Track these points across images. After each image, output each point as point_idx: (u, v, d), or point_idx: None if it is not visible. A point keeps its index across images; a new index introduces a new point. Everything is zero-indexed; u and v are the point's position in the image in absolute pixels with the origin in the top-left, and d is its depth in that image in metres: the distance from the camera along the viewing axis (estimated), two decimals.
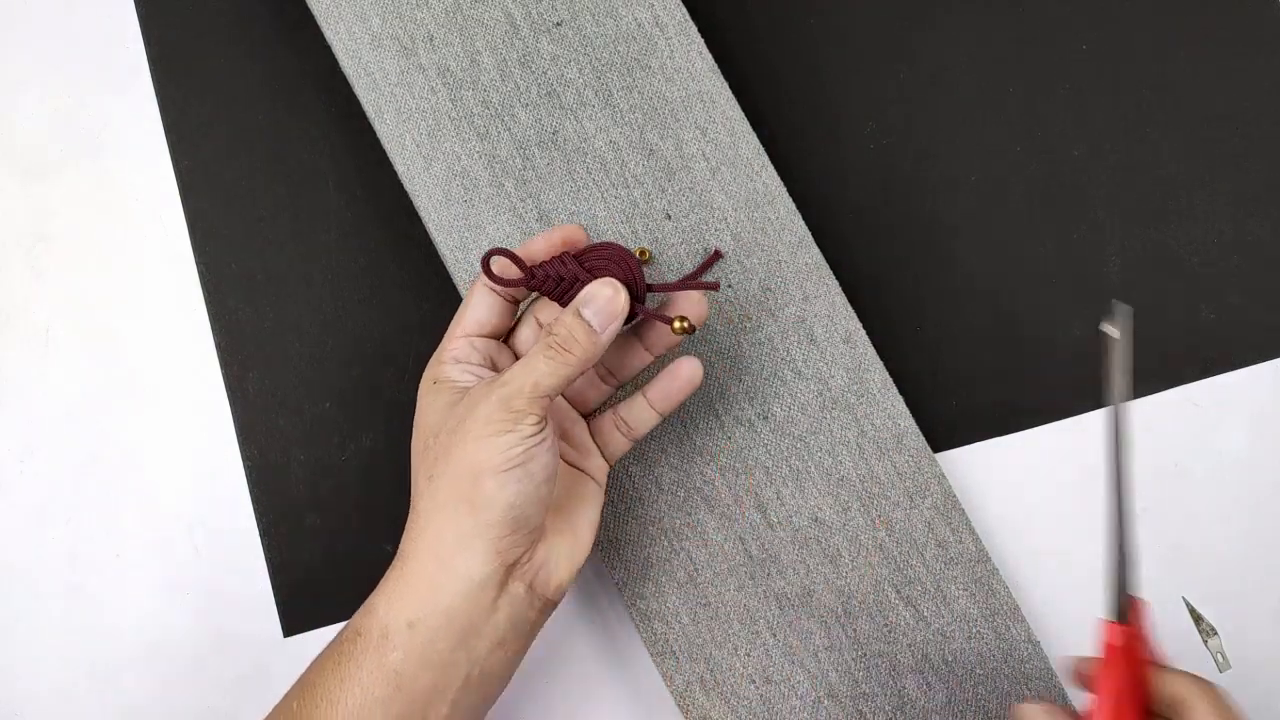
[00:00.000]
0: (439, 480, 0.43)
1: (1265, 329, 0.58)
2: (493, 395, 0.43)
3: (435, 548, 0.43)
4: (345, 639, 0.43)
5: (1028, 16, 0.61)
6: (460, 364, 0.46)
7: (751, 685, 0.50)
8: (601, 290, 0.45)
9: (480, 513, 0.42)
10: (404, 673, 0.42)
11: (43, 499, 0.55)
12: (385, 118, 0.54)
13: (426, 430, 0.45)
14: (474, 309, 0.47)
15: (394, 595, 0.43)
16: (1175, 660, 0.54)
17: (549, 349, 0.43)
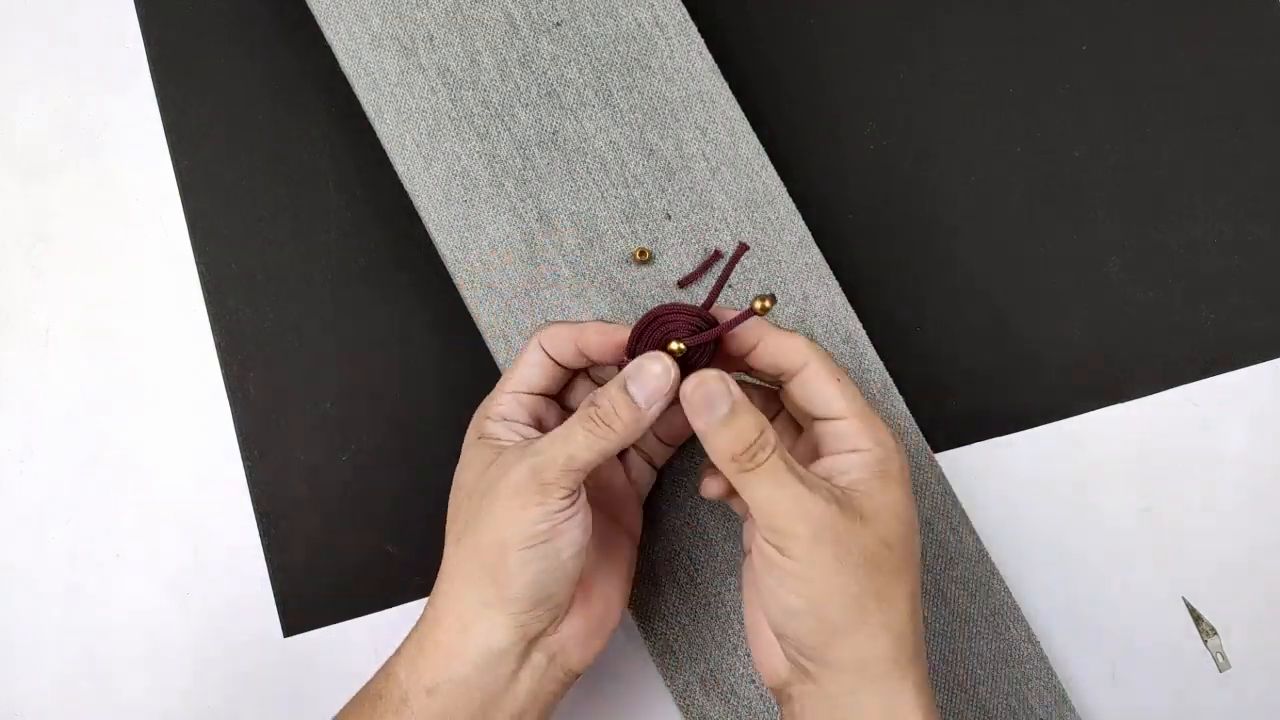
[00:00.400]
0: (465, 545, 0.42)
1: (1265, 329, 0.58)
2: (524, 464, 0.41)
3: (457, 613, 0.42)
4: (366, 700, 0.43)
5: (1028, 16, 0.61)
6: (506, 421, 0.45)
7: (751, 685, 0.50)
8: (651, 366, 0.42)
9: (502, 587, 0.41)
10: None
11: (43, 499, 0.55)
12: (385, 118, 0.54)
13: (463, 488, 0.44)
14: (525, 367, 0.45)
15: (414, 660, 0.42)
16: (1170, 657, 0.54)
17: (589, 421, 0.41)
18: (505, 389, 0.46)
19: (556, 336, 0.45)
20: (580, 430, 0.41)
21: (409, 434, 0.56)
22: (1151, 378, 0.58)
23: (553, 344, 0.45)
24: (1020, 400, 0.57)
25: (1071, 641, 0.55)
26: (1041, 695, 0.51)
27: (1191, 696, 0.54)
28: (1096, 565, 0.56)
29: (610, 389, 0.42)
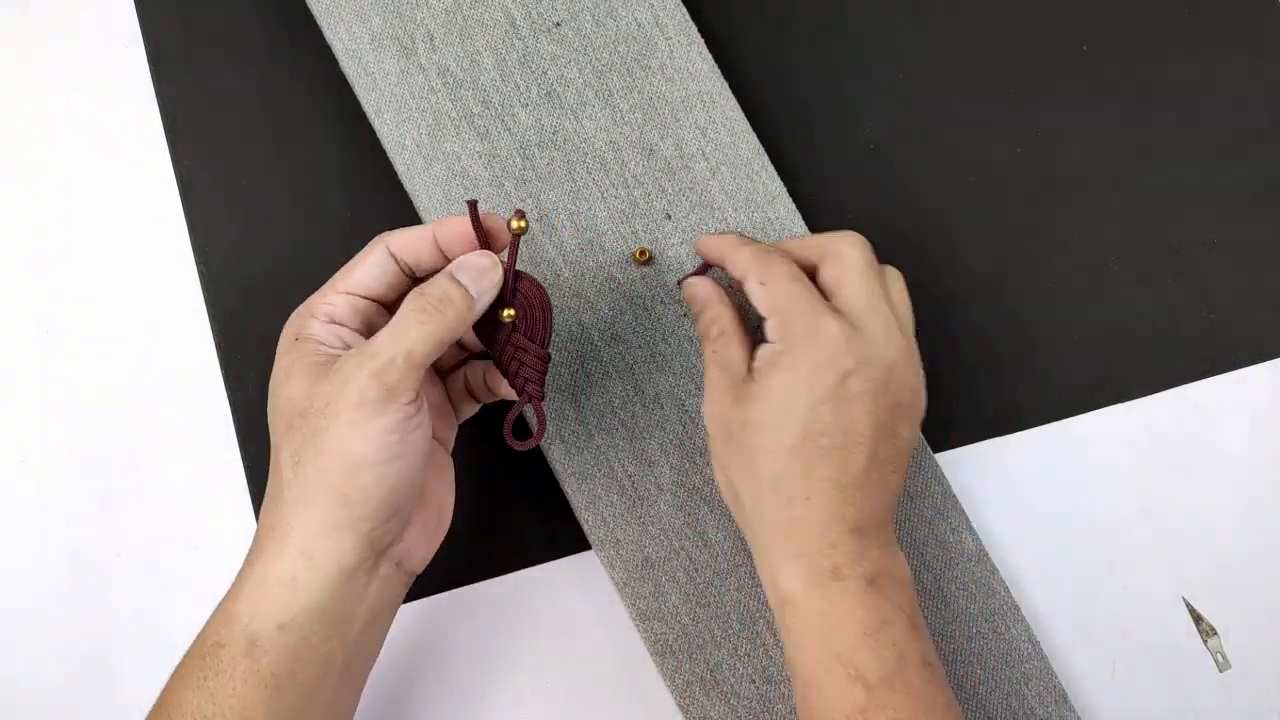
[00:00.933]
0: (306, 468, 0.40)
1: (1265, 329, 0.58)
2: (364, 370, 0.39)
3: (300, 542, 0.40)
4: (205, 652, 0.40)
5: (1028, 16, 0.61)
6: (333, 325, 0.43)
7: (751, 685, 0.50)
8: (478, 260, 0.43)
9: (355, 506, 0.40)
10: (280, 674, 0.40)
11: (43, 499, 0.55)
12: (385, 118, 0.54)
13: (289, 404, 0.41)
14: (364, 268, 0.43)
15: (257, 598, 0.40)
16: (1170, 657, 0.54)
17: (422, 312, 0.41)
18: (338, 288, 0.43)
19: (408, 238, 0.44)
20: (414, 322, 0.41)
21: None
22: (1151, 378, 0.58)
23: (403, 245, 0.44)
24: (1020, 400, 0.57)
25: (1071, 642, 0.55)
26: (1041, 695, 0.51)
27: (1191, 696, 0.54)
28: (1096, 565, 0.56)
29: (438, 279, 0.42)
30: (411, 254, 0.44)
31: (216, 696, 0.39)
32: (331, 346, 0.42)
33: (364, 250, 0.44)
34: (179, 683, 0.41)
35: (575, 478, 0.52)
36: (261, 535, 0.41)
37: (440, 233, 0.44)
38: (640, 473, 0.52)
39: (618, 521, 0.51)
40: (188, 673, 0.41)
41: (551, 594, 0.54)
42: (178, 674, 0.41)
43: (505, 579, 0.54)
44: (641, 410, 0.52)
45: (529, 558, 0.55)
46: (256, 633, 0.40)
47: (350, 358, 0.40)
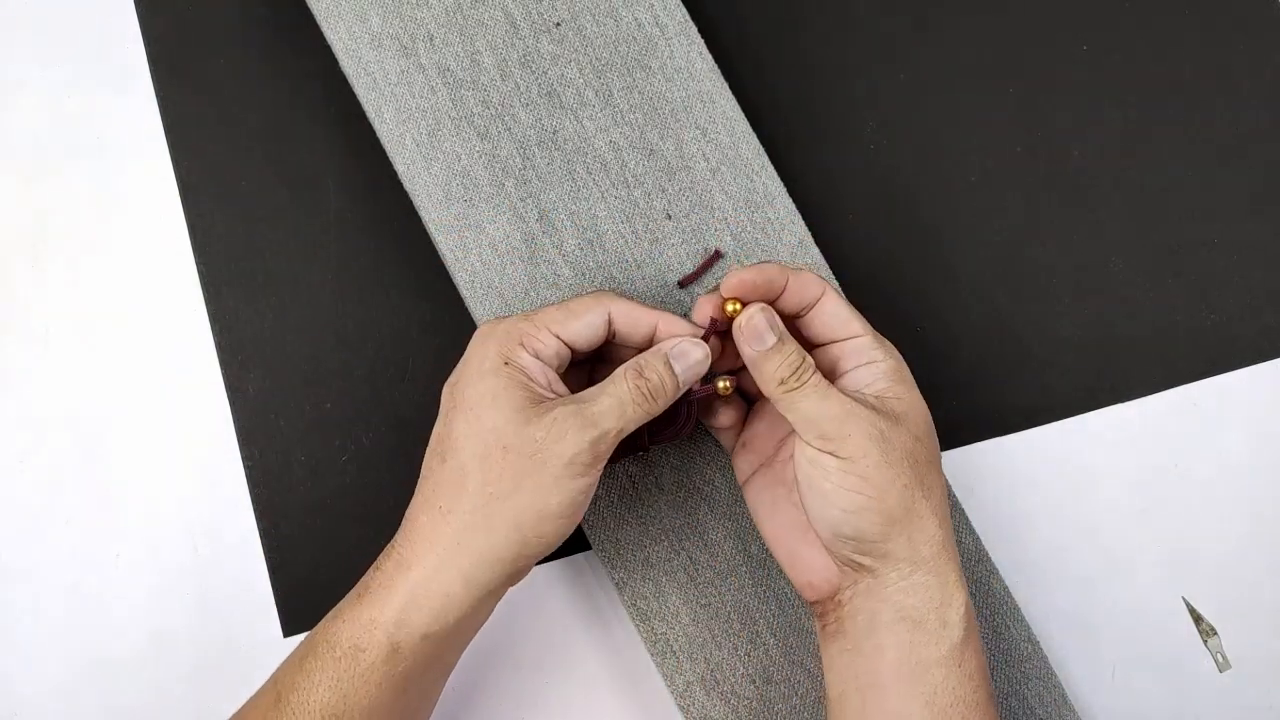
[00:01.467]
0: (497, 503, 0.42)
1: (1265, 329, 0.58)
2: (583, 436, 0.42)
3: (467, 566, 0.42)
4: (342, 654, 0.42)
5: (1028, 16, 0.61)
6: (539, 362, 0.44)
7: (751, 685, 0.50)
8: (695, 351, 0.45)
9: (529, 547, 0.43)
10: (410, 678, 0.43)
11: (43, 499, 0.55)
12: (385, 117, 0.54)
13: (494, 434, 0.42)
14: (581, 322, 0.45)
15: (406, 610, 0.42)
16: (1170, 657, 0.54)
17: (640, 395, 0.44)
18: (552, 329, 0.45)
19: (633, 315, 0.46)
20: (631, 401, 0.43)
21: (409, 434, 0.56)
22: (1151, 378, 0.58)
23: (626, 320, 0.46)
24: (1020, 400, 0.57)
25: (1071, 641, 0.55)
26: (1041, 695, 0.51)
27: (1191, 696, 0.54)
28: (1096, 565, 0.56)
29: (657, 364, 0.44)
30: (627, 326, 0.46)
31: (349, 698, 0.42)
32: (539, 385, 0.44)
33: (586, 302, 0.46)
34: (306, 679, 0.42)
35: None
36: (417, 546, 0.43)
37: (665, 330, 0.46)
38: (640, 473, 0.52)
39: (618, 522, 0.51)
40: (318, 670, 0.42)
41: (551, 594, 0.54)
42: (303, 670, 0.42)
43: None
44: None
45: None
46: (400, 642, 0.42)
47: (570, 416, 0.42)
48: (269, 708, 0.42)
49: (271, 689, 0.43)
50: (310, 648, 0.43)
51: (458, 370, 0.45)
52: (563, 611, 0.54)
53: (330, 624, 0.43)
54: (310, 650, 0.43)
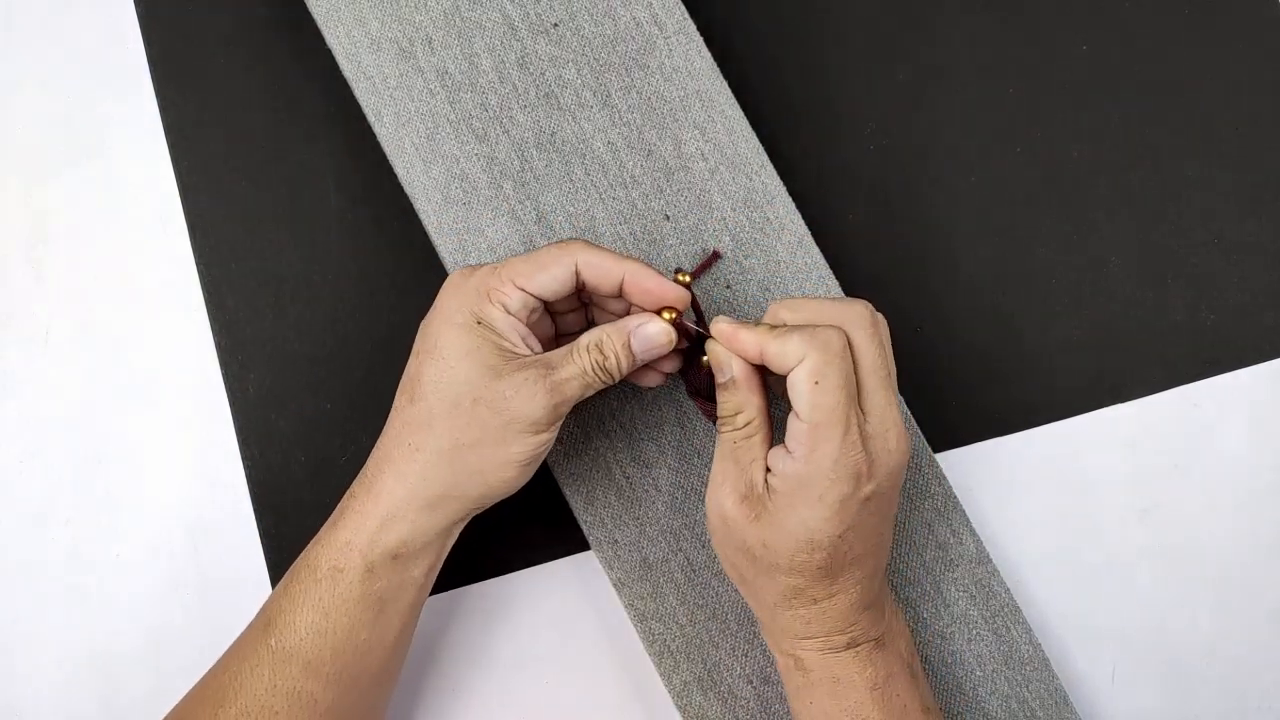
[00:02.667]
0: (464, 450, 0.45)
1: (1265, 329, 0.58)
2: (547, 398, 0.44)
3: (430, 496, 0.45)
4: (321, 576, 0.45)
5: (1028, 16, 0.61)
6: (510, 317, 0.45)
7: (749, 685, 0.50)
8: (657, 335, 0.46)
9: (491, 489, 0.46)
10: (386, 597, 0.46)
11: (43, 499, 0.55)
12: (384, 120, 0.54)
13: (466, 386, 0.45)
14: (546, 274, 0.46)
15: (378, 532, 0.45)
16: (1170, 658, 0.54)
17: (600, 369, 0.45)
18: (517, 282, 0.46)
19: (601, 264, 0.46)
20: (590, 371, 0.45)
21: None
22: (1151, 378, 0.57)
23: (594, 270, 0.46)
24: (1020, 400, 0.57)
25: (1072, 643, 0.55)
26: (1042, 697, 0.51)
27: (1191, 697, 0.54)
28: (1097, 565, 0.56)
29: (615, 344, 0.46)
30: (595, 277, 0.46)
31: (331, 615, 0.45)
32: (509, 342, 0.45)
33: (552, 252, 0.46)
34: (290, 602, 0.45)
35: (573, 479, 0.52)
36: (387, 477, 0.46)
37: (631, 281, 0.46)
38: (638, 474, 0.52)
39: (616, 522, 0.51)
40: (301, 594, 0.45)
41: (551, 594, 0.54)
42: (288, 594, 0.46)
43: (505, 579, 0.55)
44: (639, 412, 0.52)
45: (528, 558, 0.55)
46: (374, 562, 0.45)
47: (537, 379, 0.45)
48: (259, 632, 0.45)
49: (261, 616, 0.46)
50: (293, 574, 0.46)
51: (430, 315, 0.47)
52: (561, 611, 0.54)
53: (311, 550, 0.46)
54: (293, 576, 0.46)
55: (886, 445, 0.43)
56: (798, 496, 0.43)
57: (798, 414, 0.43)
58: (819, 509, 0.43)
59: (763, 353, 0.44)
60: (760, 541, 0.44)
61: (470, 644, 0.54)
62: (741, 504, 0.44)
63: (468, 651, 0.54)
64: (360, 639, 0.45)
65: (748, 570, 0.45)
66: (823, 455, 0.42)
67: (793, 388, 0.43)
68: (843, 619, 0.45)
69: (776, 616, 0.46)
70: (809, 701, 0.46)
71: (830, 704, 0.46)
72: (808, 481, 0.42)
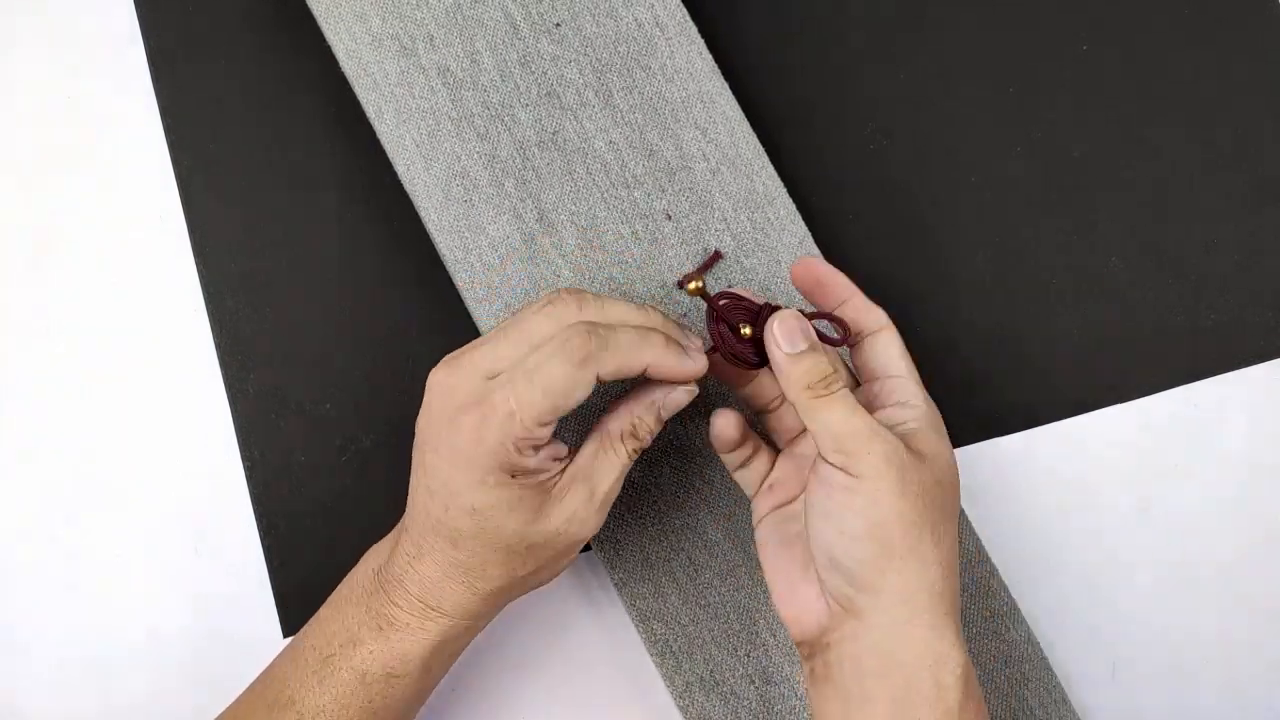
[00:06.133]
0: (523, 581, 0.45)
1: (1265, 329, 0.58)
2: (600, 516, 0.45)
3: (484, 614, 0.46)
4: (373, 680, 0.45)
5: (1028, 16, 0.61)
6: (539, 453, 0.43)
7: (751, 685, 0.50)
8: (683, 398, 0.45)
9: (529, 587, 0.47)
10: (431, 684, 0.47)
11: (43, 499, 0.55)
12: (385, 118, 0.54)
13: (515, 537, 0.43)
14: (577, 398, 0.42)
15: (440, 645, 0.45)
16: (1170, 658, 0.54)
17: (636, 452, 0.45)
18: (543, 419, 0.41)
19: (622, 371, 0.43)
20: (628, 458, 0.45)
21: (409, 434, 0.55)
22: (1151, 378, 0.58)
23: (613, 374, 0.43)
24: (1020, 400, 0.57)
25: (1071, 642, 0.55)
26: (1041, 696, 0.51)
27: (1191, 697, 0.54)
28: (1096, 565, 0.56)
29: (648, 419, 0.45)
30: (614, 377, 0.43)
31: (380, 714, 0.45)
32: (547, 472, 0.44)
33: (575, 377, 0.41)
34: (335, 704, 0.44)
35: None
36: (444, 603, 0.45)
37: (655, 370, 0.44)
38: (640, 473, 0.52)
39: (617, 522, 0.51)
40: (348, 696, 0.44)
41: (551, 594, 0.54)
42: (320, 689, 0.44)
43: None
44: None
45: None
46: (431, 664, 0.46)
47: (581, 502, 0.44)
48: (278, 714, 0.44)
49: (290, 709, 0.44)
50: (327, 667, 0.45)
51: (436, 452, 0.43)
52: (562, 611, 0.54)
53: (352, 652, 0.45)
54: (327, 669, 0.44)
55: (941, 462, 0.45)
56: (938, 430, 0.44)
57: (899, 372, 0.45)
58: (949, 447, 0.44)
59: (849, 301, 0.46)
60: (935, 478, 0.42)
61: (470, 644, 0.54)
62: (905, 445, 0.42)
63: (468, 651, 0.54)
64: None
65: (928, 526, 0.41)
66: (931, 401, 0.45)
67: (881, 346, 0.46)
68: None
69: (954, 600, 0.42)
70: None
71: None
72: (936, 422, 0.45)
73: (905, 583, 0.41)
